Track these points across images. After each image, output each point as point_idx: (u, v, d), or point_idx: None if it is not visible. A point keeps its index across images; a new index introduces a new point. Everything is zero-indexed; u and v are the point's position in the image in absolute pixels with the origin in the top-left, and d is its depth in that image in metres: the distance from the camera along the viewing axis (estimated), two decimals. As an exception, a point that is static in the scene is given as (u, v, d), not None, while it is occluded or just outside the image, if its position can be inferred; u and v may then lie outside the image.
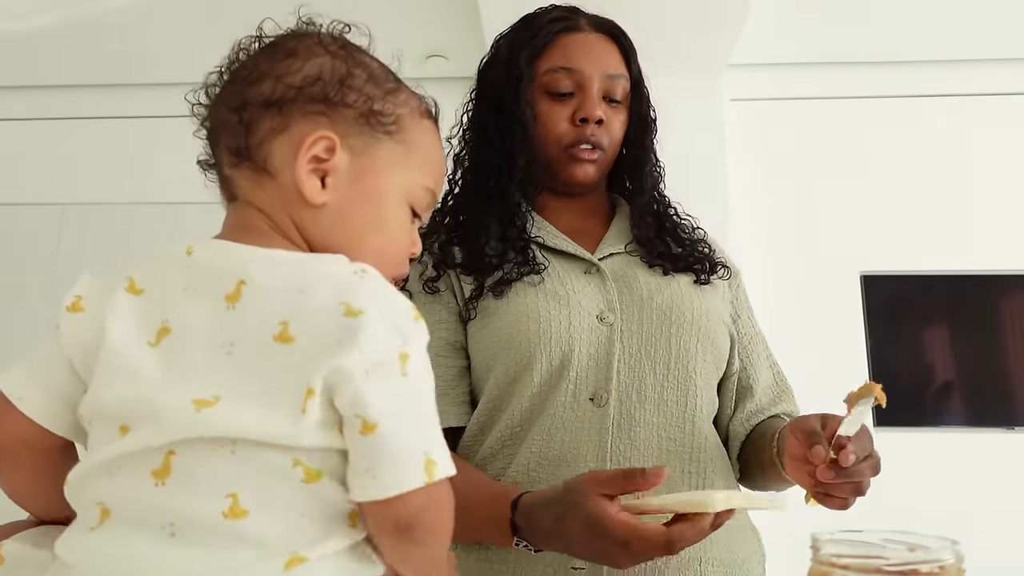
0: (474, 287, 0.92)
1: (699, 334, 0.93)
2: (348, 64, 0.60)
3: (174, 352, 0.51)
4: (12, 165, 3.58)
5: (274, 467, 0.49)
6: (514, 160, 0.96)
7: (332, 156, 0.57)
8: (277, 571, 0.47)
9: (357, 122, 0.59)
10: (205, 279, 0.53)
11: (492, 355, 0.90)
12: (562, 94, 0.97)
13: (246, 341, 0.51)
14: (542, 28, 0.99)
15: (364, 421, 0.49)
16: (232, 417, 0.49)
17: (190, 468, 0.49)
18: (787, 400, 1.03)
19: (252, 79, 0.59)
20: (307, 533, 0.49)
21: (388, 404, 0.50)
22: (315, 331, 0.50)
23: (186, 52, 3.33)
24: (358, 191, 0.59)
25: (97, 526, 0.49)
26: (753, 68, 3.32)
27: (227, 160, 0.60)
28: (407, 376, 0.51)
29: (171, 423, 0.49)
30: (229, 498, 0.48)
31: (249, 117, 0.58)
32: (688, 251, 1.01)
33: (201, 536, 0.48)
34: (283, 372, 0.50)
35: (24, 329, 3.40)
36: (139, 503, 0.49)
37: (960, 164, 3.24)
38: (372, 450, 0.49)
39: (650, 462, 0.87)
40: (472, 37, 3.09)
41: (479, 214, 0.98)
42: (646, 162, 1.05)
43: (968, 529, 1.10)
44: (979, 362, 3.10)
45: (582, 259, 0.97)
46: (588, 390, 0.88)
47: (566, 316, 0.90)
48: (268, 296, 0.52)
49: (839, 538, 0.56)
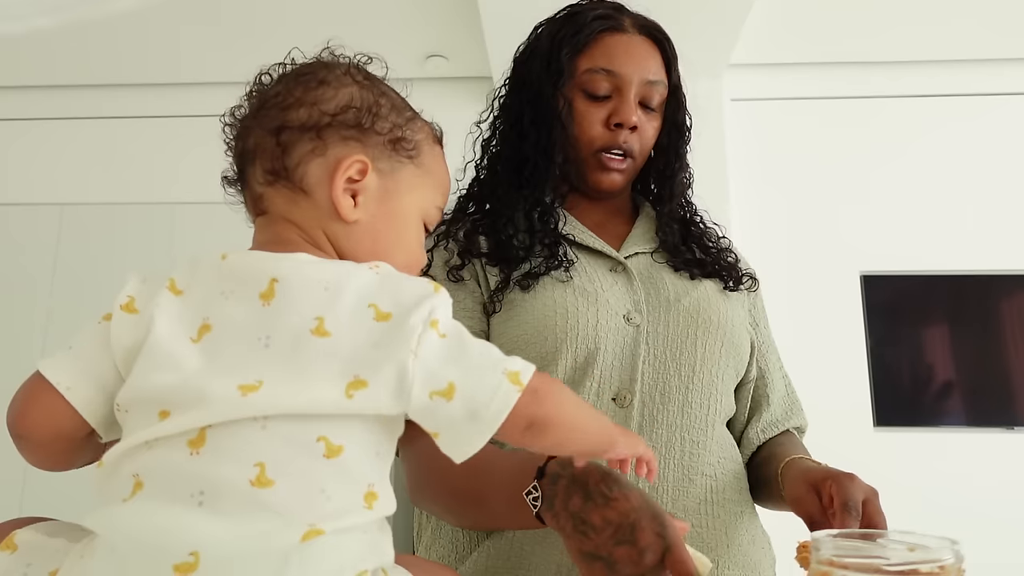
0: (499, 279, 0.91)
1: (724, 339, 0.93)
2: (374, 94, 0.66)
3: (215, 346, 0.55)
4: (12, 165, 3.58)
5: (300, 440, 0.53)
6: (551, 158, 0.96)
7: (364, 178, 0.63)
8: (294, 542, 0.50)
9: (385, 148, 0.65)
10: (240, 282, 0.58)
11: (516, 348, 0.88)
12: (599, 96, 0.95)
13: (283, 334, 0.55)
14: (586, 24, 0.97)
15: (441, 392, 0.54)
16: (273, 397, 0.53)
17: (224, 439, 0.52)
18: (797, 414, 1.04)
19: (286, 105, 0.64)
20: (325, 507, 0.52)
21: (446, 364, 0.55)
22: (351, 329, 0.55)
23: (186, 52, 3.33)
24: (385, 210, 0.65)
25: (129, 497, 0.52)
26: (753, 68, 3.32)
27: (261, 179, 0.64)
28: (446, 336, 0.56)
29: (215, 407, 0.52)
30: (257, 467, 0.51)
31: (287, 140, 0.63)
32: (714, 259, 1.01)
33: (228, 504, 0.50)
34: (323, 361, 0.54)
35: (24, 329, 3.40)
36: (173, 471, 0.52)
37: (960, 164, 3.24)
38: (465, 401, 0.54)
39: (671, 465, 0.86)
40: (472, 37, 3.09)
41: (508, 206, 0.97)
42: (678, 170, 1.04)
43: (968, 529, 1.10)
44: (979, 362, 3.10)
45: (608, 257, 0.96)
46: (611, 390, 0.87)
47: (594, 314, 0.89)
48: (301, 291, 0.56)
49: (839, 538, 0.56)
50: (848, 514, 0.73)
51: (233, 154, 0.67)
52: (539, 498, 0.71)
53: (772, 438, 0.99)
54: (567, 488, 0.69)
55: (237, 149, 0.67)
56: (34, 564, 0.54)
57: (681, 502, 0.86)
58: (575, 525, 0.67)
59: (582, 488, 0.68)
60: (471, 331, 0.89)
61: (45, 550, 0.55)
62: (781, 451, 0.93)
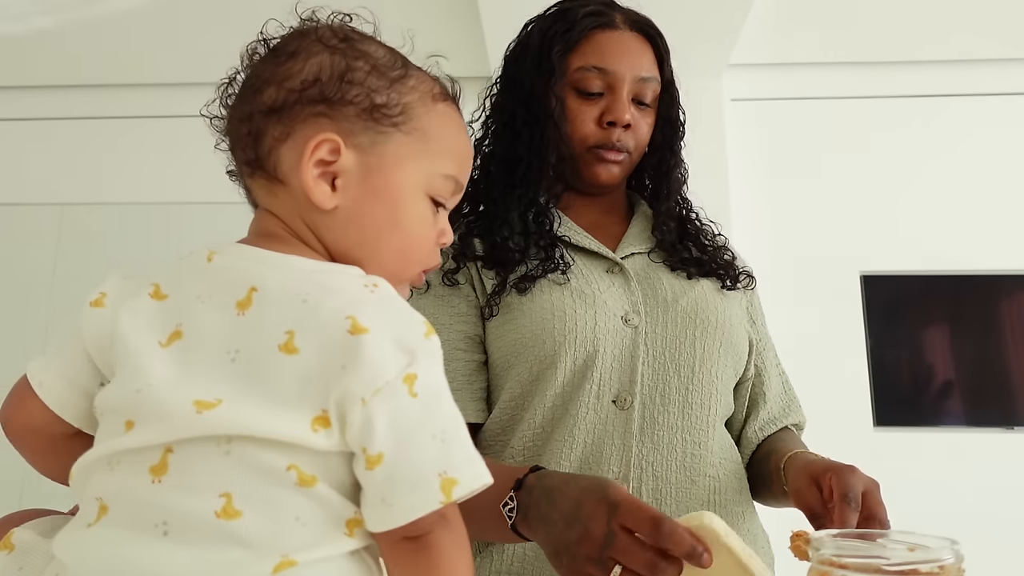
0: (496, 282, 0.91)
1: (723, 338, 0.92)
2: (348, 58, 0.58)
3: (183, 354, 0.51)
4: (12, 165, 3.58)
5: (268, 468, 0.48)
6: (544, 157, 0.95)
7: (338, 157, 0.56)
8: (265, 574, 0.46)
9: (360, 118, 0.57)
10: (220, 286, 0.53)
11: (515, 352, 0.88)
12: (592, 93, 0.95)
13: (252, 349, 0.51)
14: (577, 22, 0.96)
15: (368, 455, 0.48)
16: (232, 417, 0.48)
17: (186, 466, 0.48)
18: (795, 411, 1.03)
19: (257, 87, 0.58)
20: (299, 537, 0.48)
21: (393, 431, 0.48)
22: (320, 346, 0.49)
23: (186, 52, 3.33)
24: (369, 190, 0.57)
25: (94, 522, 0.49)
26: (753, 68, 3.32)
27: (243, 170, 0.60)
28: (416, 396, 0.49)
29: (173, 422, 0.49)
30: (223, 498, 0.47)
31: (256, 127, 0.57)
32: (711, 257, 1.00)
33: (193, 535, 0.47)
34: (287, 383, 0.49)
35: (24, 329, 3.40)
36: (135, 500, 0.49)
37: (960, 164, 3.24)
38: (383, 481, 0.48)
39: (673, 466, 0.86)
40: (472, 37, 3.08)
41: (502, 207, 0.96)
42: (674, 166, 1.03)
43: (968, 529, 1.10)
44: (979, 362, 3.10)
45: (604, 258, 0.95)
46: (611, 392, 0.87)
47: (592, 316, 0.88)
48: (278, 303, 0.51)
49: (839, 538, 0.56)
50: (848, 506, 0.72)
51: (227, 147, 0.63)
52: (515, 508, 0.70)
53: (770, 436, 0.99)
54: (539, 496, 0.69)
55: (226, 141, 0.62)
56: (26, 568, 0.54)
57: (685, 504, 0.86)
58: (544, 528, 0.67)
59: (547, 493, 0.68)
60: (465, 336, 0.90)
61: (37, 551, 0.55)
62: (782, 446, 0.93)
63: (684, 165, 1.05)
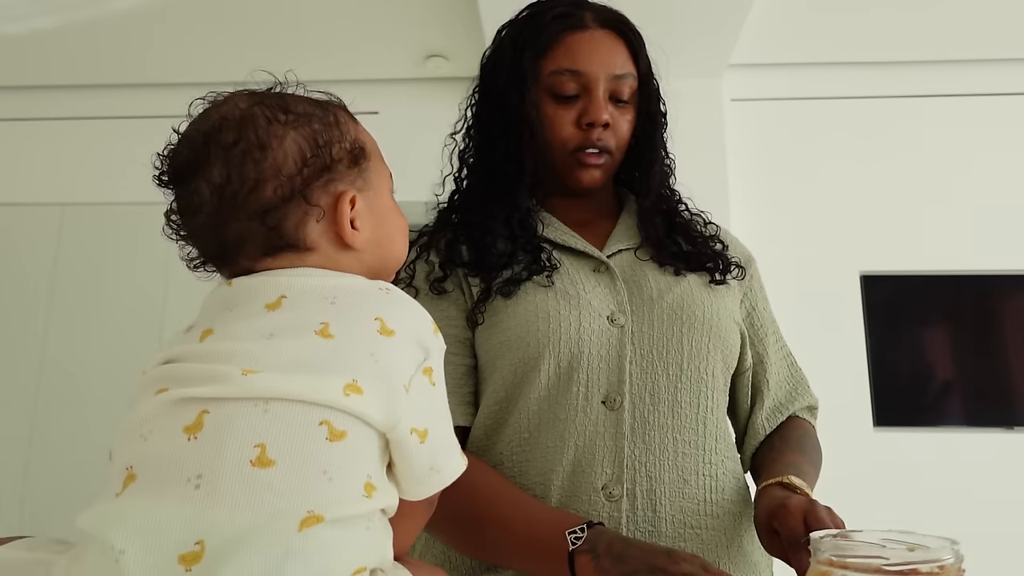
0: (481, 290, 0.91)
1: (710, 333, 0.91)
2: (307, 126, 0.64)
3: (217, 342, 0.57)
4: (12, 165, 3.58)
5: (302, 423, 0.53)
6: (522, 164, 0.95)
7: (355, 204, 0.65)
8: (292, 530, 0.50)
9: (349, 167, 0.66)
10: (245, 296, 0.60)
11: (498, 354, 0.88)
12: (567, 96, 0.94)
13: (287, 331, 0.57)
14: (546, 25, 0.95)
15: (418, 432, 0.58)
16: (272, 382, 0.54)
17: (224, 422, 0.52)
18: (803, 393, 1.02)
19: (249, 189, 0.61)
20: (327, 490, 0.52)
21: (431, 412, 0.60)
22: (354, 337, 0.57)
23: (186, 52, 3.33)
24: (376, 215, 0.67)
25: (120, 491, 0.52)
26: (753, 68, 3.33)
27: (254, 257, 0.63)
28: (435, 385, 0.61)
29: (216, 384, 0.53)
30: (257, 448, 0.51)
31: (274, 220, 0.62)
32: (699, 250, 0.99)
33: (227, 485, 0.50)
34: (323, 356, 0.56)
35: (24, 329, 3.40)
36: (168, 460, 0.52)
37: (960, 164, 3.25)
38: (432, 451, 0.59)
39: (666, 466, 0.86)
40: (472, 37, 3.09)
41: (486, 215, 0.96)
42: (655, 160, 1.02)
43: (968, 529, 1.10)
44: (979, 362, 3.10)
45: (591, 257, 0.95)
46: (600, 393, 0.87)
47: (576, 317, 0.88)
48: (307, 301, 0.59)
49: (839, 538, 0.56)
50: (800, 550, 0.71)
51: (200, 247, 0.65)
52: (580, 538, 0.75)
53: (774, 432, 0.98)
54: (614, 536, 0.75)
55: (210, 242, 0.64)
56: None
57: (679, 503, 0.85)
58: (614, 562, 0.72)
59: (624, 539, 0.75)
60: (455, 339, 0.91)
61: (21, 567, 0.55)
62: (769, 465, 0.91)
63: (669, 158, 1.04)
